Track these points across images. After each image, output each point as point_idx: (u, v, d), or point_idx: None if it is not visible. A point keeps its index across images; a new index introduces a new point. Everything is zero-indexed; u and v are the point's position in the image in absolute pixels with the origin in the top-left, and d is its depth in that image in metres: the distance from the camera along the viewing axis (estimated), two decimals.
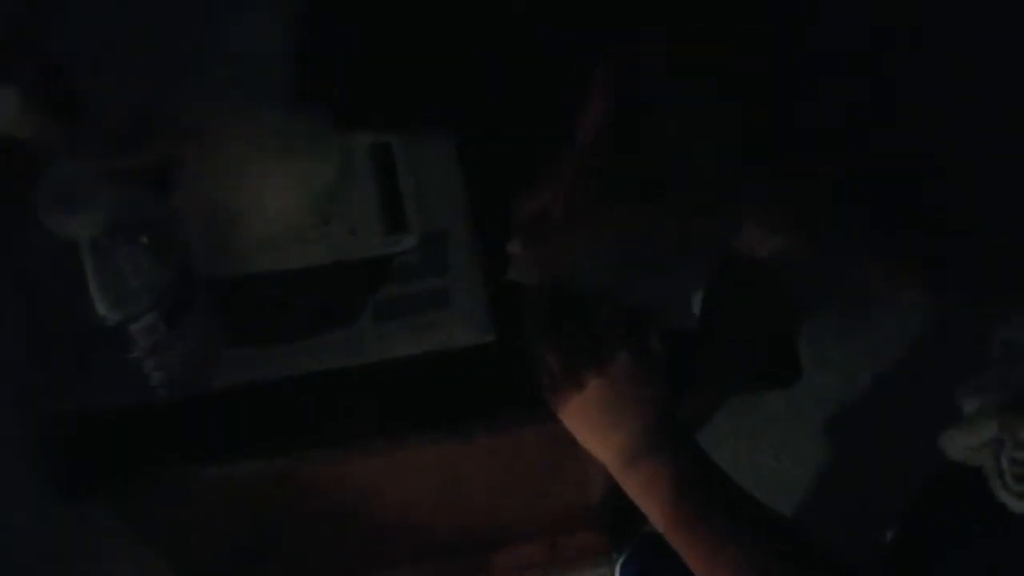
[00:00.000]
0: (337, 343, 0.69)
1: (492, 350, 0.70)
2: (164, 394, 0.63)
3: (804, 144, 0.38)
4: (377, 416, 0.69)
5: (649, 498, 0.64)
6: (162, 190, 0.62)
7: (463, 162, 0.74)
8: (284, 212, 0.69)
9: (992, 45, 0.36)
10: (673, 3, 0.62)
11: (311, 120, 0.70)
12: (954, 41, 0.37)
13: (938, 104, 0.37)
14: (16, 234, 0.50)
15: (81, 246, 0.47)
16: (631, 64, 0.62)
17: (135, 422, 0.65)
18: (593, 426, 0.66)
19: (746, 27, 0.40)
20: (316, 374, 0.68)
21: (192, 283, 0.58)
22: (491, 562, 1.08)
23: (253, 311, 0.69)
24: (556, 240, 0.68)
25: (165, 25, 0.66)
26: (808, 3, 0.41)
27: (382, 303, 0.70)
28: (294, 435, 0.68)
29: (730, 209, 0.69)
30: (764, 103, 0.41)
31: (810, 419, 0.82)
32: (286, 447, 0.68)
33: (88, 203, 0.45)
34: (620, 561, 1.36)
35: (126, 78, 0.57)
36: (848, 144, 0.38)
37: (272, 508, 0.77)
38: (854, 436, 0.76)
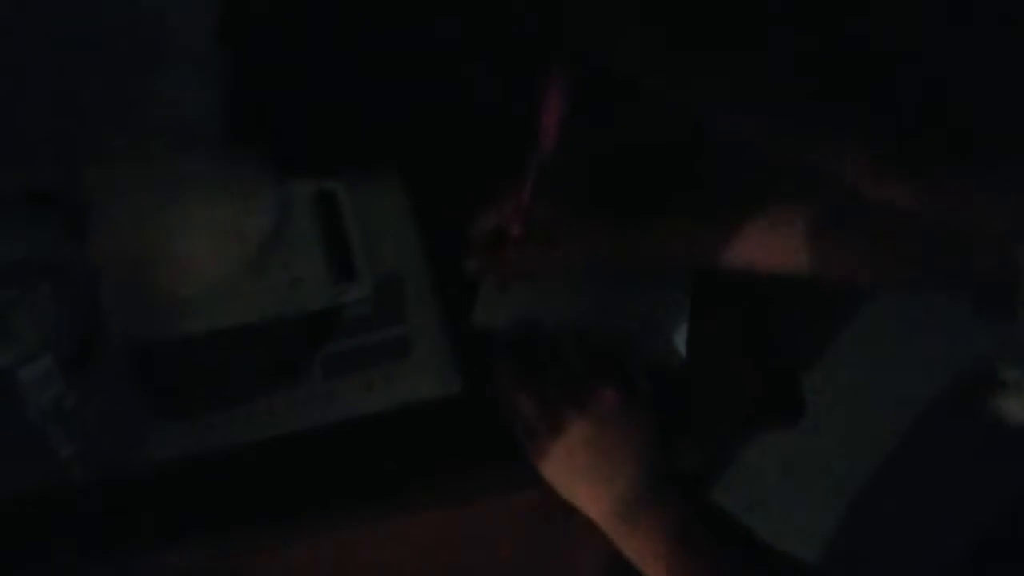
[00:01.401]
0: (283, 407, 0.60)
1: (460, 402, 0.62)
2: (78, 473, 0.54)
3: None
4: (330, 490, 0.60)
5: (652, 556, 0.55)
6: (77, 236, 0.54)
7: (416, 206, 0.67)
8: (213, 265, 0.62)
9: None
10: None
11: (242, 166, 0.64)
12: None
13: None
14: None
15: None
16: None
17: (50, 508, 0.56)
18: (580, 474, 0.58)
19: None
20: (259, 444, 0.59)
21: (101, 337, 0.50)
22: None
23: (185, 376, 0.60)
24: (517, 258, 0.62)
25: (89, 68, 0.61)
26: None
27: (333, 359, 0.62)
28: (233, 520, 0.58)
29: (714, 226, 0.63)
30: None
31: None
32: (224, 534, 0.58)
33: None
34: None
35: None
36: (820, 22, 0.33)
37: None
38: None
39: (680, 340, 0.65)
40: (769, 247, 0.63)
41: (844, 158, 0.33)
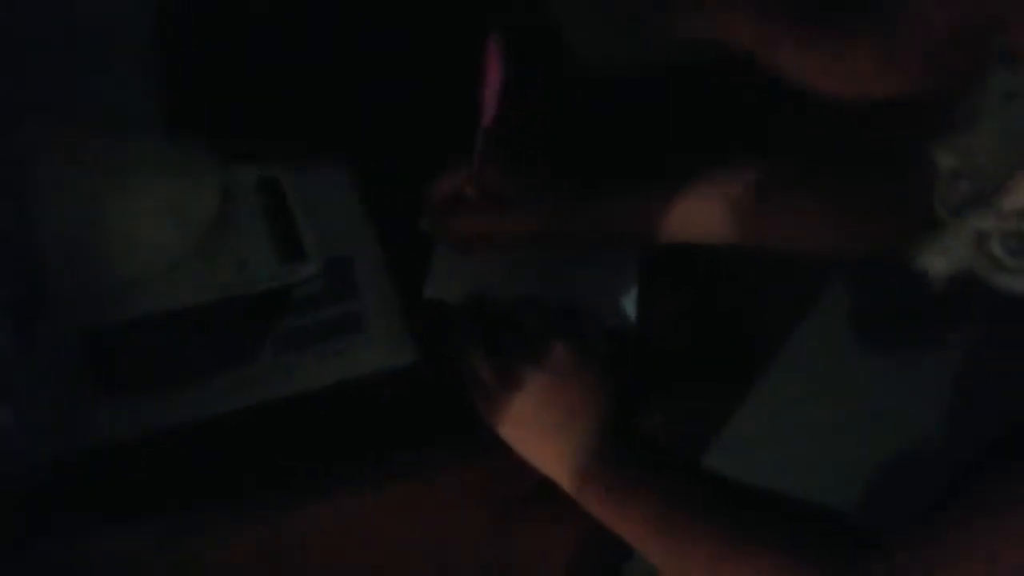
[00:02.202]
0: (234, 382, 0.59)
1: (415, 372, 0.62)
2: (32, 457, 0.52)
3: None
4: (283, 467, 0.59)
5: (612, 507, 0.55)
6: (18, 206, 0.53)
7: (360, 186, 0.68)
8: (159, 246, 0.61)
9: None
10: None
11: (185, 150, 0.64)
12: None
13: None
14: None
15: None
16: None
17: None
18: (538, 431, 0.57)
19: None
20: (212, 422, 0.58)
21: (45, 314, 0.49)
22: None
23: (134, 356, 0.59)
24: (471, 223, 0.62)
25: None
26: None
27: (285, 336, 0.62)
28: (183, 499, 0.57)
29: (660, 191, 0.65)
30: None
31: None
32: (174, 514, 0.56)
33: None
34: None
35: None
36: None
37: None
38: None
39: (629, 306, 0.66)
40: (710, 217, 0.65)
41: (738, 27, 0.35)
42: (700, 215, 0.63)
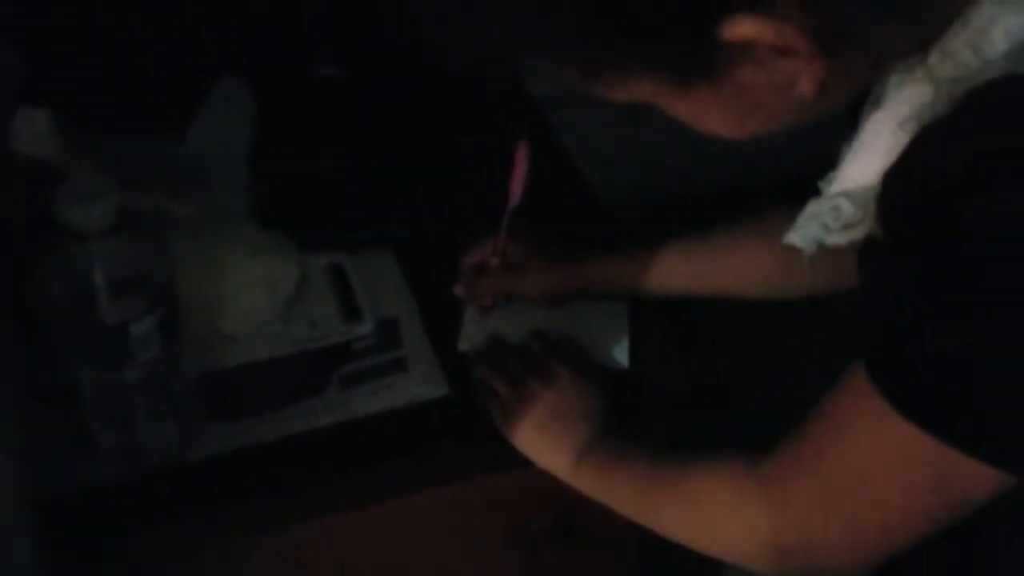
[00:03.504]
0: (308, 411, 0.77)
1: (447, 402, 0.79)
2: (156, 463, 0.69)
3: None
4: (344, 478, 0.75)
5: (609, 477, 0.70)
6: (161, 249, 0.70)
7: (403, 264, 0.87)
8: (251, 310, 0.80)
9: None
10: None
11: (274, 238, 0.84)
12: None
13: None
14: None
15: (91, 247, 0.57)
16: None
17: (129, 495, 0.70)
18: (546, 437, 0.73)
19: None
20: (289, 439, 0.75)
21: (179, 325, 0.67)
22: None
23: (230, 394, 0.77)
24: (493, 286, 0.81)
25: None
26: None
27: (347, 377, 0.79)
28: (261, 502, 0.73)
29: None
30: None
31: None
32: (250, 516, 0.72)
33: (98, 200, 0.57)
34: None
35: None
36: None
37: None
38: None
39: (623, 347, 0.83)
40: (684, 273, 0.82)
41: (636, 90, 0.52)
42: (665, 269, 0.81)
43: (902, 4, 0.44)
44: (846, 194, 0.50)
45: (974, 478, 0.48)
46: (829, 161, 0.55)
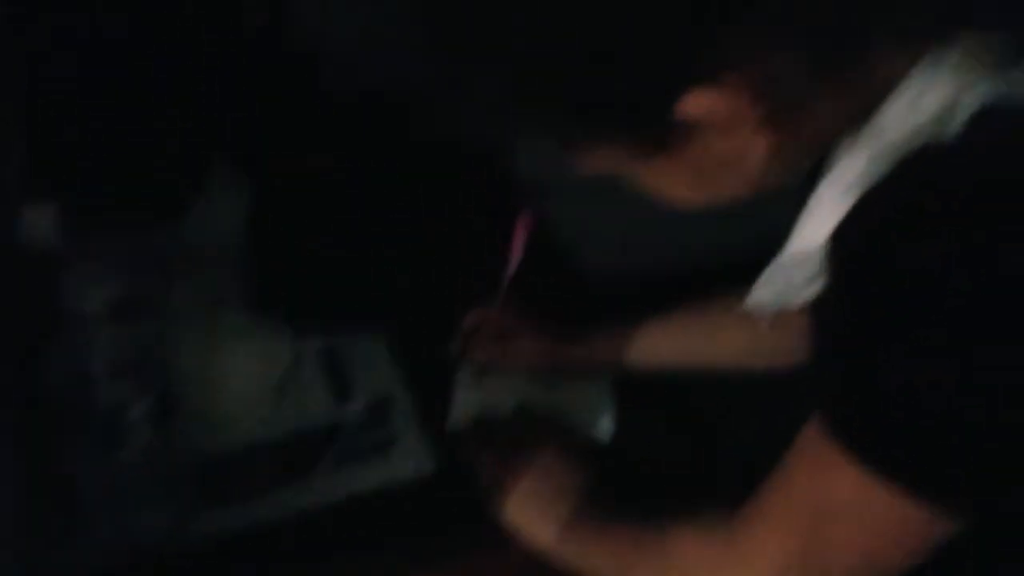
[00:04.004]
0: (299, 491, 0.78)
1: (435, 479, 0.81)
2: (150, 548, 0.71)
3: None
4: (336, 552, 0.76)
5: (592, 549, 0.71)
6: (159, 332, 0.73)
7: (393, 347, 0.90)
8: (248, 390, 0.82)
9: None
10: None
11: (268, 324, 0.86)
12: None
13: None
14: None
15: (91, 332, 0.60)
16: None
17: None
18: (532, 511, 0.75)
19: None
20: (284, 519, 0.76)
21: (174, 409, 0.69)
22: None
23: (223, 476, 0.78)
24: (487, 348, 0.85)
25: None
26: None
27: (337, 455, 0.81)
28: None
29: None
30: None
31: None
32: None
33: (99, 288, 0.59)
34: None
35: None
36: None
37: None
38: None
39: (608, 420, 0.85)
40: (666, 350, 0.85)
41: (605, 163, 0.55)
42: (647, 347, 0.83)
43: (839, 80, 0.48)
44: (798, 256, 0.53)
45: (931, 522, 0.49)
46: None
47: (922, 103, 0.47)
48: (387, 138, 1.06)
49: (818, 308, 0.55)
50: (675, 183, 0.53)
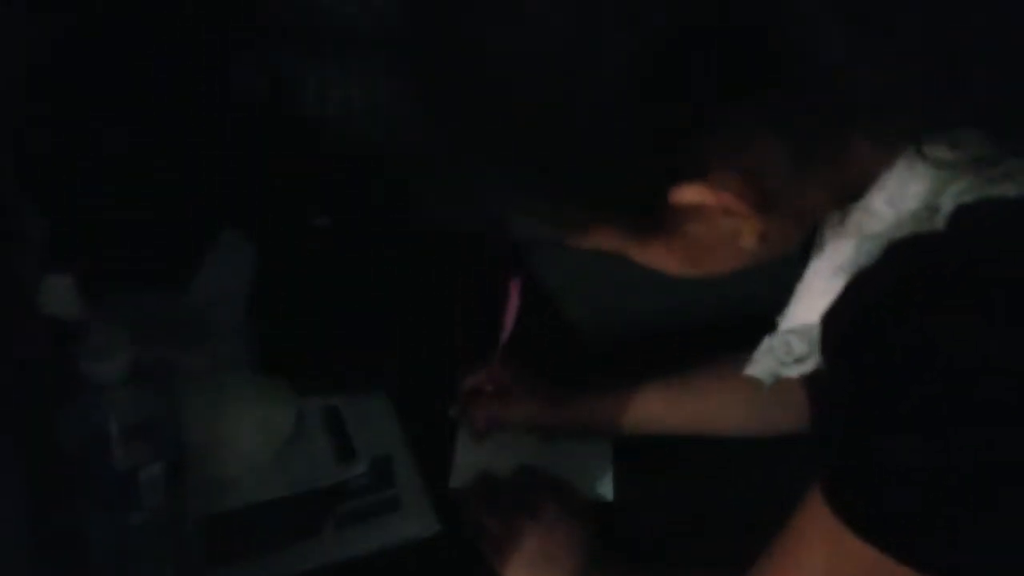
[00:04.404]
0: (304, 551, 0.79)
1: (439, 540, 0.82)
2: None
3: None
4: None
5: None
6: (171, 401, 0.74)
7: (396, 407, 0.92)
8: (249, 453, 0.84)
9: None
10: None
11: (271, 385, 0.88)
12: None
13: None
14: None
15: (106, 397, 0.61)
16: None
17: None
18: (536, 570, 0.76)
19: None
20: None
21: (184, 471, 0.70)
22: None
23: (229, 536, 0.79)
24: (486, 410, 0.87)
25: None
26: None
27: (342, 515, 0.82)
28: None
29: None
30: None
31: None
32: None
33: (115, 354, 0.61)
34: None
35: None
36: None
37: None
38: None
39: (606, 482, 0.86)
40: (663, 414, 0.87)
41: (606, 241, 0.58)
42: (644, 411, 0.85)
43: (821, 170, 0.51)
44: (794, 331, 0.56)
45: None
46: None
47: (904, 195, 0.50)
48: (385, 204, 1.09)
49: (814, 384, 0.57)
50: (667, 261, 0.56)
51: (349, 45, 1.01)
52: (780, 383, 0.61)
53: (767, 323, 0.63)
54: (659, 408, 0.86)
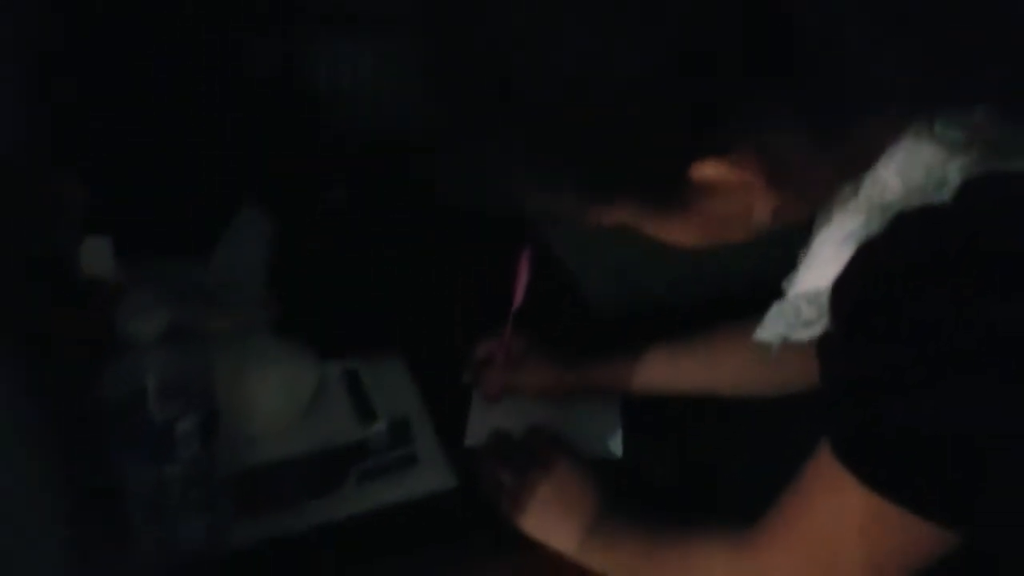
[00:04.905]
0: (326, 504, 0.84)
1: (456, 494, 0.86)
2: (190, 556, 0.76)
3: None
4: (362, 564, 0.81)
5: (613, 554, 0.76)
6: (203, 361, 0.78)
7: (413, 369, 0.96)
8: (274, 413, 0.88)
9: None
10: None
11: (295, 349, 0.92)
12: None
13: None
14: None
15: (144, 354, 0.65)
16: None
17: None
18: (549, 519, 0.80)
19: None
20: (311, 530, 0.82)
21: (217, 424, 0.74)
22: None
23: (256, 490, 0.84)
24: (498, 378, 0.90)
25: None
26: None
27: (362, 472, 0.86)
28: None
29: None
30: None
31: None
32: None
33: (152, 314, 0.65)
34: None
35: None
36: None
37: None
38: None
39: (615, 441, 0.90)
40: (671, 375, 0.90)
41: (614, 216, 0.61)
42: (653, 372, 0.89)
43: (836, 147, 0.54)
44: (804, 296, 0.59)
45: (934, 538, 0.54)
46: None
47: (912, 167, 0.53)
48: (401, 176, 1.13)
49: (824, 346, 0.60)
50: (681, 235, 0.60)
51: (366, 22, 1.04)
52: (787, 345, 0.65)
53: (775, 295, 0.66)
54: (667, 370, 0.90)
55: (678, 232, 0.60)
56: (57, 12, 0.88)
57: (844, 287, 0.56)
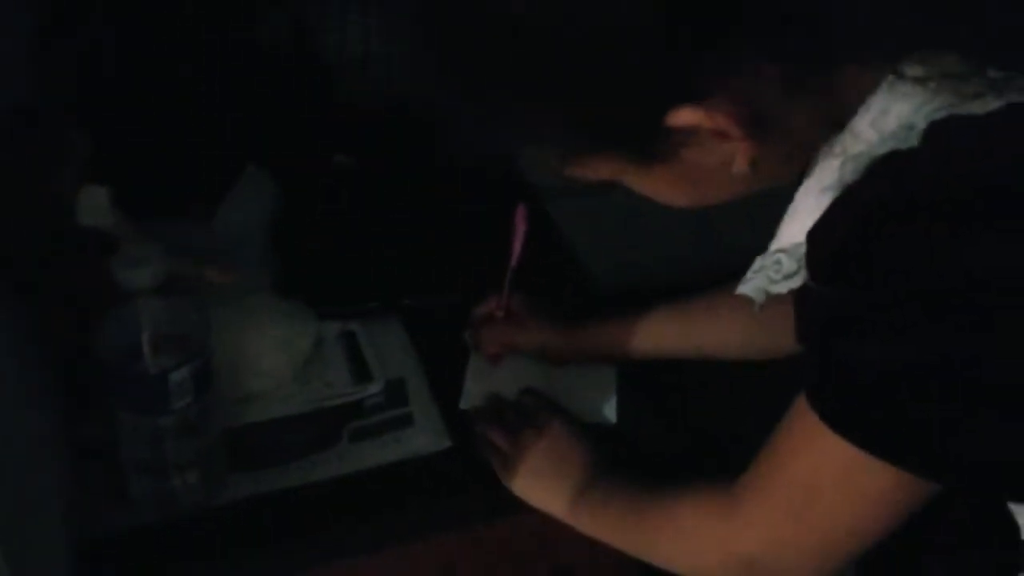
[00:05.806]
0: (322, 462, 0.84)
1: (450, 454, 0.86)
2: (185, 508, 0.77)
3: None
4: (354, 522, 0.82)
5: (602, 514, 0.77)
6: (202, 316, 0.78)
7: (409, 331, 0.96)
8: (271, 371, 0.88)
9: None
10: None
11: (292, 307, 0.93)
12: None
13: None
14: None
15: (139, 305, 0.66)
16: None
17: (160, 539, 0.77)
18: (542, 483, 0.81)
19: None
20: (305, 487, 0.82)
21: (211, 377, 0.75)
22: None
23: (251, 446, 0.84)
24: (497, 336, 0.91)
25: None
26: None
27: (357, 431, 0.87)
28: (281, 544, 0.80)
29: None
30: None
31: None
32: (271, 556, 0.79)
33: (147, 265, 0.65)
34: None
35: None
36: None
37: None
38: None
39: (610, 406, 0.90)
40: (667, 337, 0.90)
41: (600, 170, 0.62)
42: (649, 335, 0.89)
43: (810, 96, 0.54)
44: (784, 250, 0.59)
45: (910, 486, 0.55)
46: None
47: (887, 115, 0.53)
48: (400, 140, 1.13)
49: (800, 297, 0.61)
50: (667, 189, 0.60)
51: None
52: (778, 308, 0.65)
53: None
54: (663, 333, 0.90)
55: (663, 187, 0.60)
56: None
57: (818, 236, 0.57)
